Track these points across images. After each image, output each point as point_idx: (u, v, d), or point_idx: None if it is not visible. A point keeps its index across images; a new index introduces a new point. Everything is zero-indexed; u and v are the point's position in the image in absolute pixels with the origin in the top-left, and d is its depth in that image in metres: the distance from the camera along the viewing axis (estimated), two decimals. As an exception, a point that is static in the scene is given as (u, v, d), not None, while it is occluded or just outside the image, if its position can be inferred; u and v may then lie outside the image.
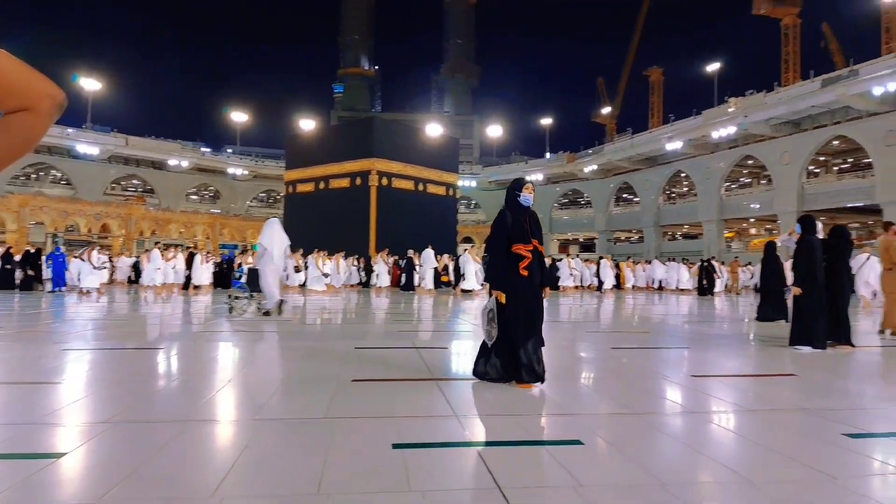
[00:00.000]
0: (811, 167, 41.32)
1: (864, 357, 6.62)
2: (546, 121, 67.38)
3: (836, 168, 43.61)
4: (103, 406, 3.74)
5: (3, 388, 4.34)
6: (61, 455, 2.73)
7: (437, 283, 21.07)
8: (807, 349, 6.58)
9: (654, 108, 75.73)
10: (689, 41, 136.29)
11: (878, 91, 31.72)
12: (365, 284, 23.03)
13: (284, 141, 37.63)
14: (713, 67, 51.46)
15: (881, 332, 8.67)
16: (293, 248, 20.84)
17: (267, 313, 9.89)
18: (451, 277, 21.26)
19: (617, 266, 25.64)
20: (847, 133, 35.93)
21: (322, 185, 29.60)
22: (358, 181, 27.97)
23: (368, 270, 22.89)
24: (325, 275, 20.18)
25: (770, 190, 41.68)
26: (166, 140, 55.87)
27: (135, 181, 56.65)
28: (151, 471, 2.53)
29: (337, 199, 28.48)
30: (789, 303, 7.76)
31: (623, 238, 58.81)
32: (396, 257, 22.27)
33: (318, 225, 27.29)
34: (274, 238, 9.83)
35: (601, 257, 26.33)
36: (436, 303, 15.28)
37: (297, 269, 20.24)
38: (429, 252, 20.07)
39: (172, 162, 54.60)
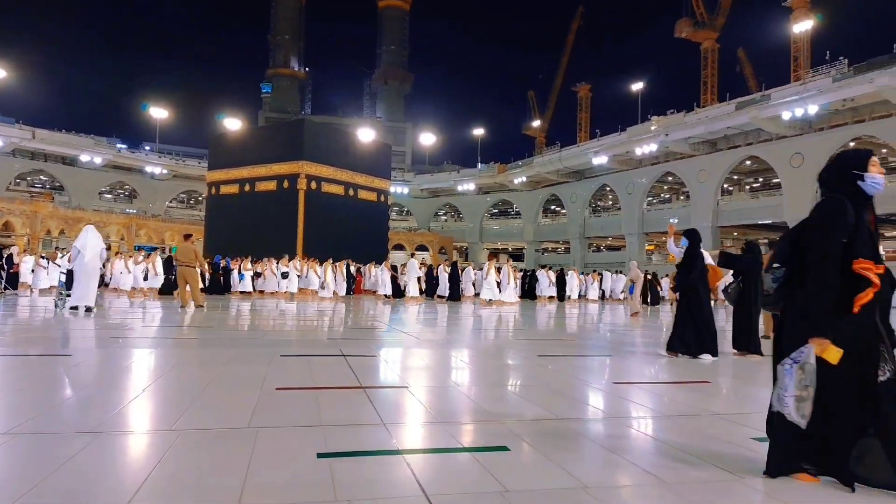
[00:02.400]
0: (726, 185, 43.95)
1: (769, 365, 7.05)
2: (478, 131, 68.43)
3: (748, 187, 46.55)
4: (4, 417, 3.47)
5: None
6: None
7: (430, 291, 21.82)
8: (708, 357, 6.82)
9: (582, 123, 78.31)
10: (616, 60, 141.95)
11: (786, 115, 34.18)
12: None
13: (208, 140, 36.36)
14: (638, 86, 53.85)
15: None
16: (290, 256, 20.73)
17: (74, 308, 10.76)
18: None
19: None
20: (758, 154, 38.49)
21: (247, 188, 28.77)
22: (286, 184, 27.38)
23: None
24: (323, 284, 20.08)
25: (688, 206, 43.99)
26: (78, 134, 52.67)
27: (42, 177, 53.19)
28: (54, 486, 2.35)
29: (263, 203, 27.75)
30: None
31: (550, 248, 60.36)
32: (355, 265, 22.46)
33: (243, 228, 26.54)
34: (87, 243, 10.90)
35: (562, 268, 26.81)
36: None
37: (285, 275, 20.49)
38: (413, 262, 20.84)
39: (84, 158, 51.54)
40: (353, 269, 23.62)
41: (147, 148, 60.47)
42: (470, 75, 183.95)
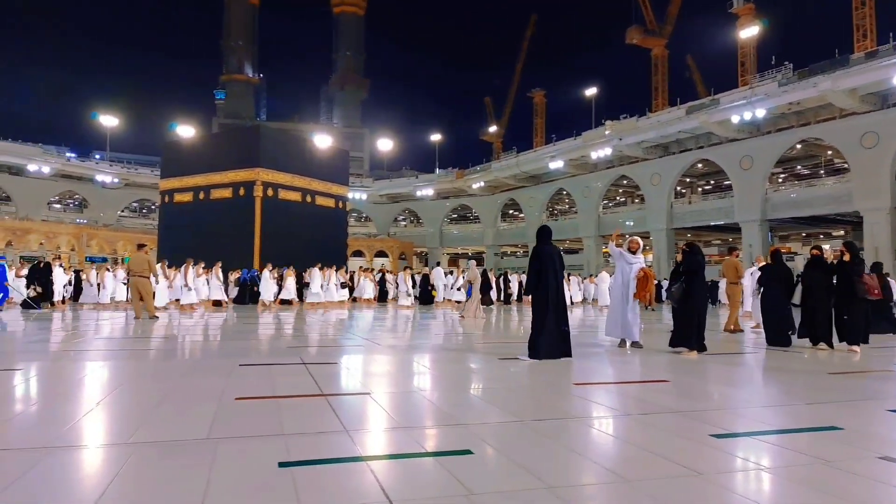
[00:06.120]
0: (679, 188, 45.08)
1: (724, 362, 7.27)
2: (436, 136, 68.51)
3: (700, 189, 47.84)
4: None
5: None
6: None
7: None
8: (525, 359, 6.76)
9: (537, 128, 79.33)
10: (569, 66, 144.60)
11: (735, 119, 35.22)
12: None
13: (161, 148, 35.41)
14: (591, 92, 54.80)
15: (725, 330, 10.47)
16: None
17: None
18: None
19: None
20: (709, 157, 39.58)
21: (202, 196, 28.03)
22: (241, 191, 26.80)
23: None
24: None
25: (643, 208, 44.95)
26: (25, 143, 50.62)
27: (-13, 187, 50.87)
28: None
29: (218, 211, 27.07)
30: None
31: (510, 252, 60.86)
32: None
33: (198, 237, 25.83)
34: None
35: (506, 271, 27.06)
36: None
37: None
38: (438, 269, 22.20)
39: (32, 167, 49.44)
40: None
41: (97, 156, 58.37)
42: (427, 81, 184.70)
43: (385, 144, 69.24)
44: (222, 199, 27.34)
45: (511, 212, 59.82)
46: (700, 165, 42.25)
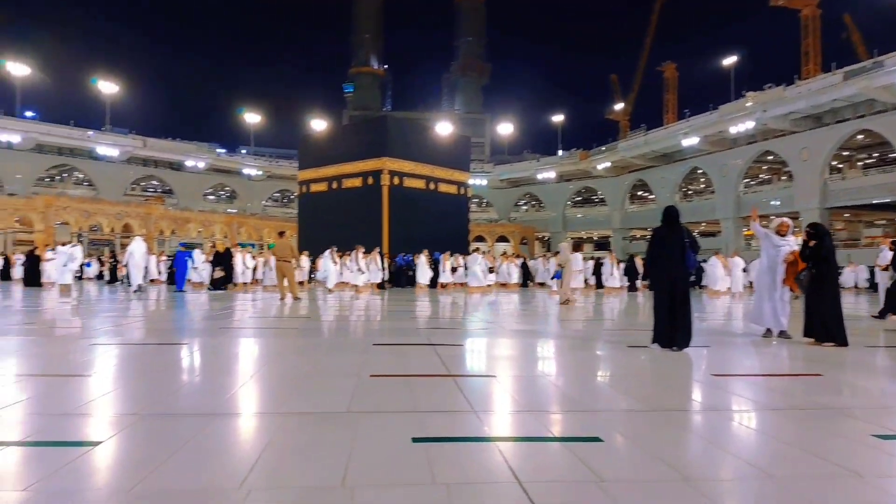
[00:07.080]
0: (834, 162, 40.62)
1: (887, 356, 6.54)
2: (558, 118, 67.10)
3: (860, 163, 42.77)
4: (131, 399, 3.82)
5: (34, 380, 4.40)
6: (96, 444, 2.82)
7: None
8: (657, 348, 6.35)
9: (668, 104, 74.86)
10: (704, 35, 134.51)
11: (904, 83, 31.07)
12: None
13: (298, 141, 37.90)
14: (729, 62, 50.93)
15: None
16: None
17: (138, 289, 15.70)
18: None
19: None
20: (872, 127, 35.27)
21: (335, 185, 29.68)
22: (370, 181, 28.03)
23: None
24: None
25: (790, 186, 41.15)
26: (183, 141, 56.62)
27: (153, 181, 57.40)
28: (180, 462, 2.58)
29: (350, 199, 28.55)
30: None
31: (639, 236, 58.41)
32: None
33: (332, 224, 27.41)
34: (136, 248, 16.27)
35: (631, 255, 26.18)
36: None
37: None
38: (578, 255, 21.43)
39: (189, 163, 55.27)
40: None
41: (244, 151, 63.97)
42: (547, 62, 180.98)
43: (505, 129, 69.01)
44: (353, 188, 28.78)
45: (640, 193, 57.33)
46: (860, 137, 37.79)
